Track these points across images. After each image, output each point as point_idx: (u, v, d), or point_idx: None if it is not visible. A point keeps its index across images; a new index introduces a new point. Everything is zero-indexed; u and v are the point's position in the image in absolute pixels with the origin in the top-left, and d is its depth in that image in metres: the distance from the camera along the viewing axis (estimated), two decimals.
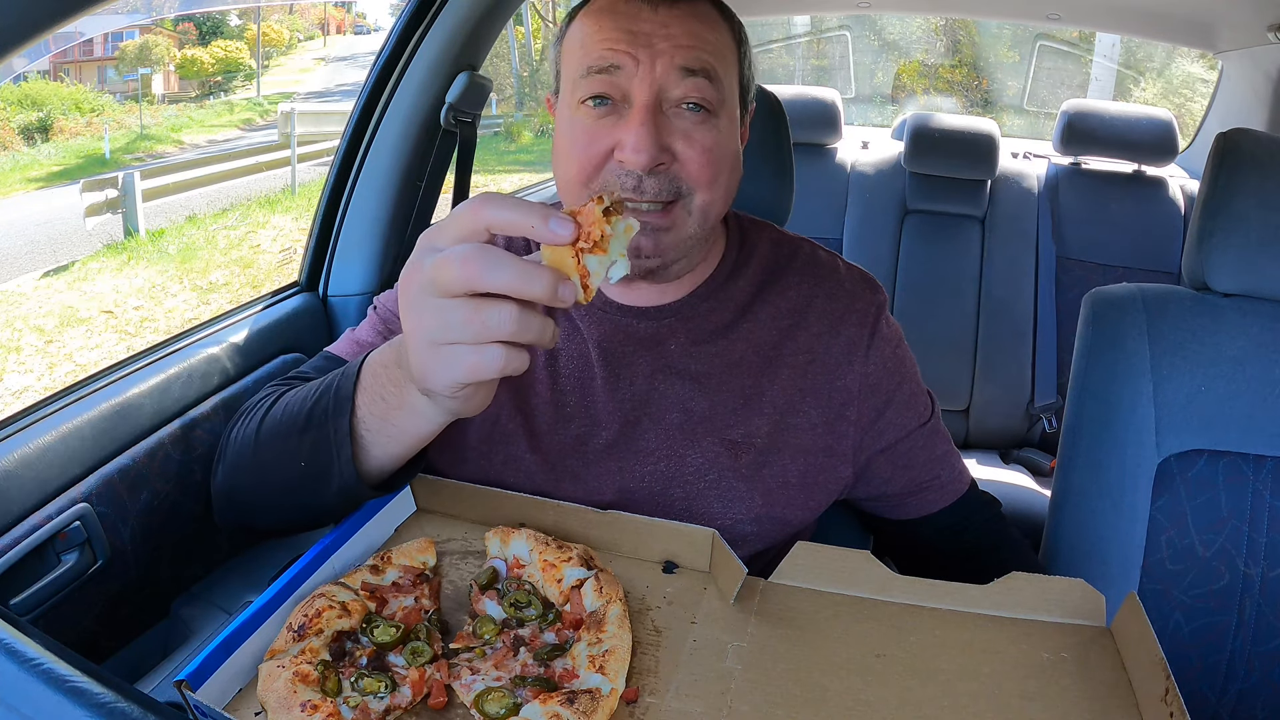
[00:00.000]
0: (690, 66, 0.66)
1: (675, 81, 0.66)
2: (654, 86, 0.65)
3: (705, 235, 0.71)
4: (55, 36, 0.51)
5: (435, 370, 0.50)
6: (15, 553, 0.73)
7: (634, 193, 0.66)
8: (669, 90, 0.66)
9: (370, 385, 0.59)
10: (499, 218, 0.48)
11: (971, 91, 8.30)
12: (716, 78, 0.67)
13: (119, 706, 0.40)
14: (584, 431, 0.74)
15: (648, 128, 0.64)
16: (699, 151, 0.66)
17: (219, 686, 0.51)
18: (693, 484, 0.72)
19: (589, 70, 0.66)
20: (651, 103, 0.65)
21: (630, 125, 0.65)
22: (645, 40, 0.65)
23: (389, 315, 0.80)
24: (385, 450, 0.60)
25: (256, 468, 0.67)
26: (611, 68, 0.65)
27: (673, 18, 0.66)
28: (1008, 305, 1.98)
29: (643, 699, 0.52)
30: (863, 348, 0.75)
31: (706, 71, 0.66)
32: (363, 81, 1.21)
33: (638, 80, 0.65)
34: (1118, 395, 0.89)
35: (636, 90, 0.65)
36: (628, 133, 0.65)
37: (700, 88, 0.66)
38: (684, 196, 0.67)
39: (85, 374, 0.91)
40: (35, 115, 9.37)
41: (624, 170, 0.66)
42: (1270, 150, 0.87)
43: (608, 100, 0.66)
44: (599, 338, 0.75)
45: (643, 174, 0.65)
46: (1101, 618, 0.59)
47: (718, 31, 0.69)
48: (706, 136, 0.67)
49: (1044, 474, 1.83)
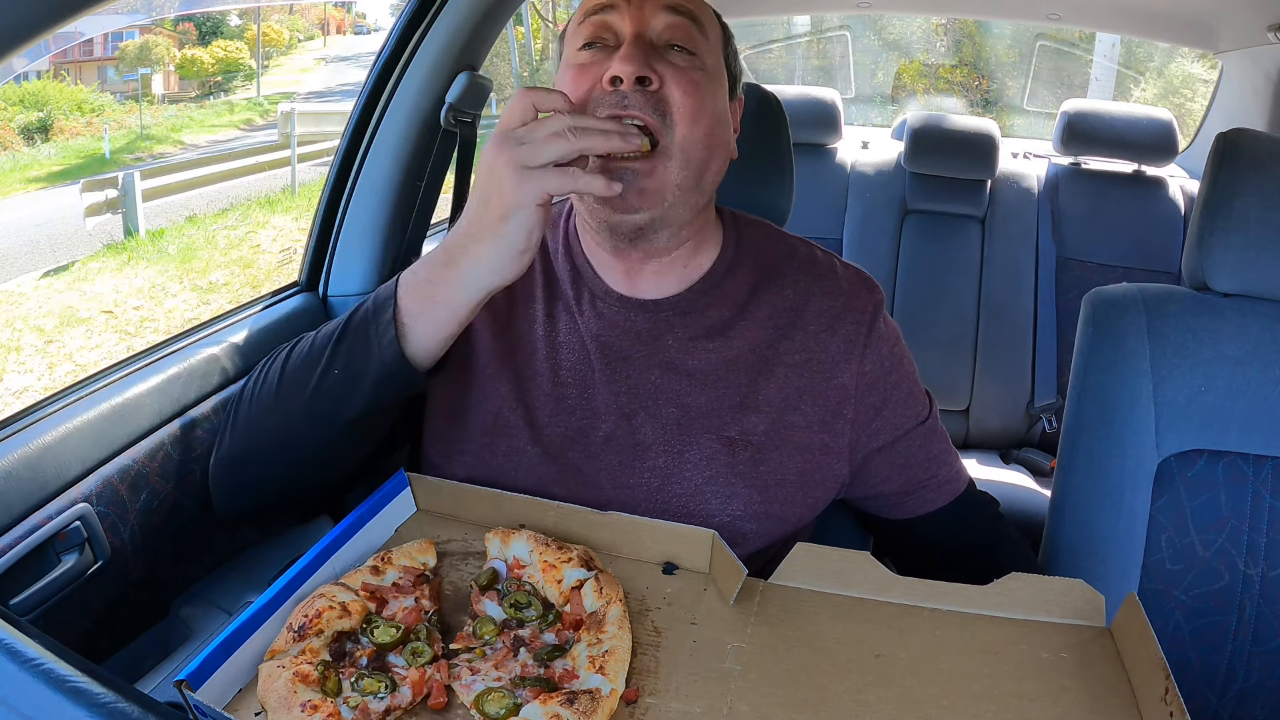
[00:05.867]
0: (674, 5, 0.70)
1: (661, 19, 0.70)
2: (642, 22, 0.70)
3: (690, 189, 0.70)
4: (55, 36, 0.51)
5: (522, 188, 0.61)
6: (15, 553, 0.73)
7: (618, 108, 0.67)
8: (656, 27, 0.70)
9: (411, 281, 0.67)
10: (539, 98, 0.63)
11: (972, 91, 8.30)
12: (700, 25, 0.72)
13: (119, 706, 0.40)
14: (584, 424, 0.74)
15: (636, 46, 0.68)
16: (685, 80, 0.69)
17: (219, 686, 0.51)
18: (691, 480, 0.72)
19: (584, 16, 0.71)
20: (640, 33, 0.69)
21: (620, 51, 0.68)
22: None
23: None
24: (428, 329, 0.66)
25: (277, 407, 0.71)
26: (606, 6, 0.70)
27: None
28: (1008, 305, 1.98)
29: (643, 699, 0.52)
30: (860, 346, 0.75)
31: (690, 14, 0.71)
32: (363, 81, 1.21)
33: (627, 18, 0.70)
34: (1118, 395, 0.89)
35: (625, 26, 0.70)
36: (616, 59, 0.68)
37: (684, 27, 0.71)
38: (666, 125, 0.68)
39: (85, 374, 0.91)
40: (35, 115, 9.37)
41: (610, 92, 0.68)
42: (1270, 150, 0.87)
43: (600, 43, 0.71)
44: (598, 331, 0.75)
45: (628, 91, 0.67)
46: (1101, 618, 0.59)
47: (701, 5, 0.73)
48: (694, 73, 0.70)
49: (1044, 474, 1.83)
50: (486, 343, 0.77)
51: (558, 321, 0.77)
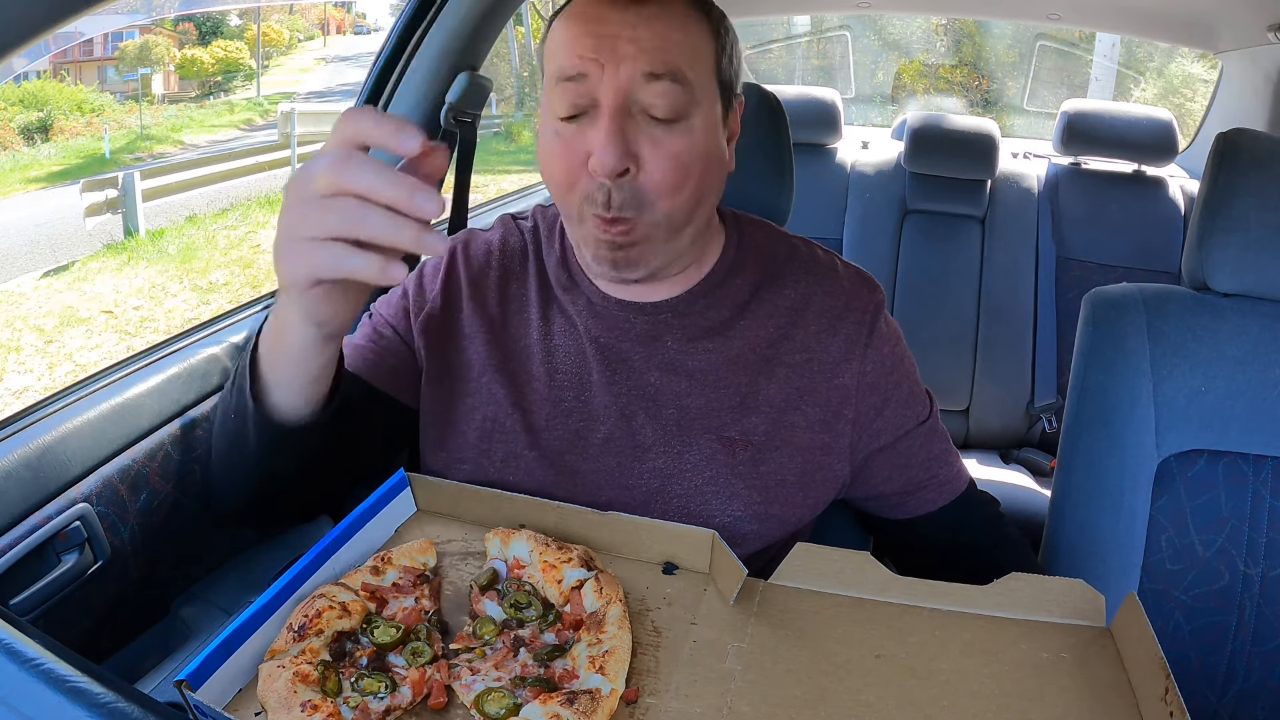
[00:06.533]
0: (655, 71, 0.65)
1: (641, 86, 0.65)
2: (619, 93, 0.65)
3: (681, 237, 0.71)
4: (55, 36, 0.51)
5: (286, 265, 0.54)
6: (15, 553, 0.73)
7: (603, 208, 0.66)
8: (636, 94, 0.65)
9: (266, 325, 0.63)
10: (361, 128, 0.52)
11: (972, 91, 8.30)
12: (685, 80, 0.66)
13: (119, 706, 0.40)
14: (582, 427, 0.74)
15: (612, 136, 0.64)
16: (665, 157, 0.66)
17: (219, 686, 0.51)
18: (691, 481, 0.72)
19: (560, 78, 0.67)
20: (618, 108, 0.65)
21: (598, 133, 0.65)
22: (610, 44, 0.65)
23: (381, 320, 0.81)
24: (278, 378, 0.63)
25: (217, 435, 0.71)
26: (579, 76, 0.65)
27: (640, 19, 0.65)
28: (1008, 305, 1.98)
29: (643, 699, 0.52)
30: (861, 346, 0.75)
31: (673, 74, 0.65)
32: (363, 81, 1.21)
33: (603, 86, 0.65)
34: (1118, 395, 0.89)
35: (603, 96, 0.65)
36: (596, 140, 0.65)
37: (666, 93, 0.65)
38: (645, 209, 0.67)
39: (85, 374, 0.91)
40: (35, 115, 9.37)
41: (595, 184, 0.66)
42: (1270, 150, 0.87)
43: (579, 113, 0.67)
44: (596, 333, 0.75)
45: (610, 184, 0.66)
46: (1101, 618, 0.59)
47: (688, 30, 0.67)
48: (675, 141, 0.66)
49: (1044, 474, 1.83)
50: (480, 350, 0.77)
51: (553, 324, 0.77)
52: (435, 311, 0.79)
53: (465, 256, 0.81)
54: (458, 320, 0.79)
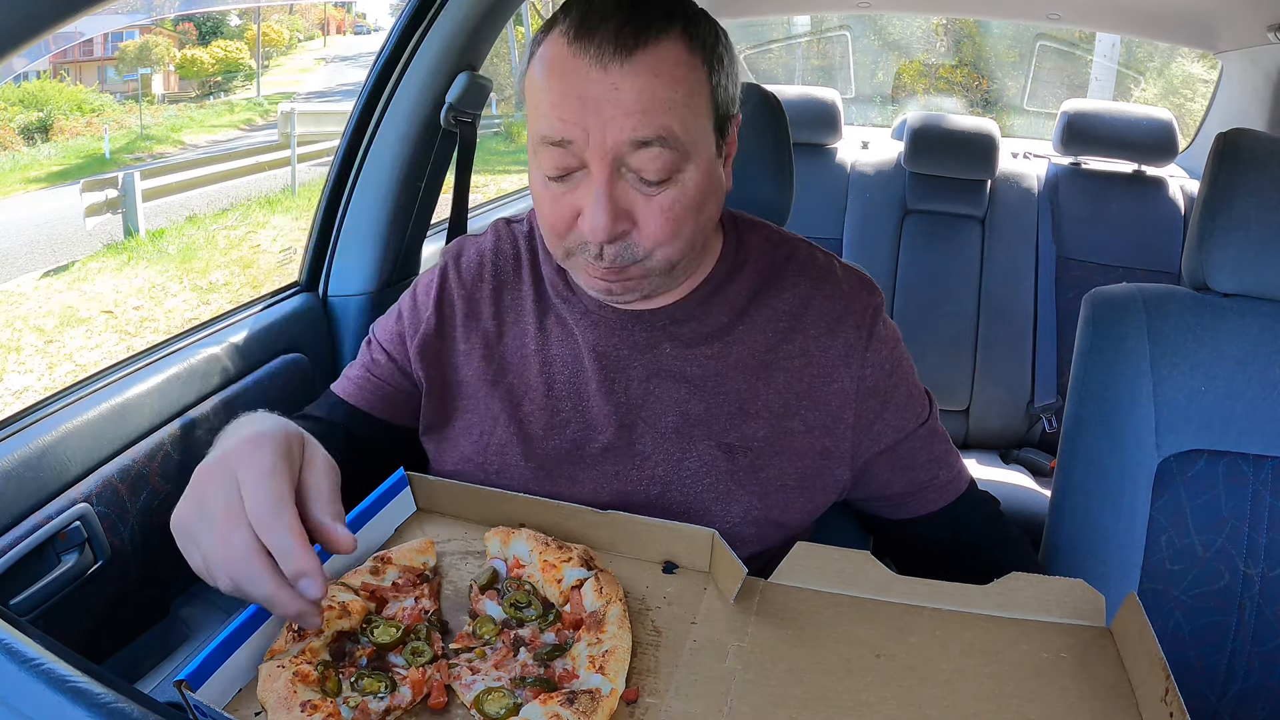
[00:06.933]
0: (643, 138, 0.62)
1: (629, 151, 0.62)
2: (607, 158, 0.63)
3: (678, 269, 0.71)
4: (55, 36, 0.51)
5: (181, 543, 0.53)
6: (15, 553, 0.73)
7: (595, 260, 0.66)
8: (624, 158, 0.63)
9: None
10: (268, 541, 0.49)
11: (972, 91, 8.30)
12: (675, 139, 0.63)
13: (119, 706, 0.40)
14: (580, 436, 0.74)
15: (603, 203, 0.63)
16: (657, 213, 0.65)
17: (219, 686, 0.51)
18: (690, 487, 0.72)
19: (544, 139, 0.64)
20: (607, 174, 0.63)
21: (587, 198, 0.64)
22: (595, 108, 0.61)
23: (377, 347, 0.82)
24: None
25: None
26: (564, 141, 0.63)
27: (623, 77, 0.61)
28: (1008, 305, 1.98)
29: (643, 699, 0.52)
30: (860, 350, 0.75)
31: (663, 138, 0.62)
32: (363, 81, 1.21)
33: (590, 152, 0.62)
34: (1118, 395, 0.89)
35: (592, 162, 0.63)
36: (585, 203, 0.64)
37: (656, 157, 0.62)
38: (640, 260, 0.67)
39: (85, 374, 0.91)
40: (35, 115, 9.37)
41: (585, 241, 0.66)
42: (1270, 150, 0.87)
43: (567, 173, 0.65)
44: (593, 342, 0.75)
45: (602, 245, 0.65)
46: (1101, 618, 0.59)
47: (678, 79, 0.63)
48: (668, 196, 0.65)
49: (1044, 474, 1.83)
50: (477, 364, 0.77)
51: (550, 334, 0.77)
52: (430, 332, 0.79)
53: (457, 270, 0.81)
54: (453, 338, 0.79)
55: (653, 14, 0.63)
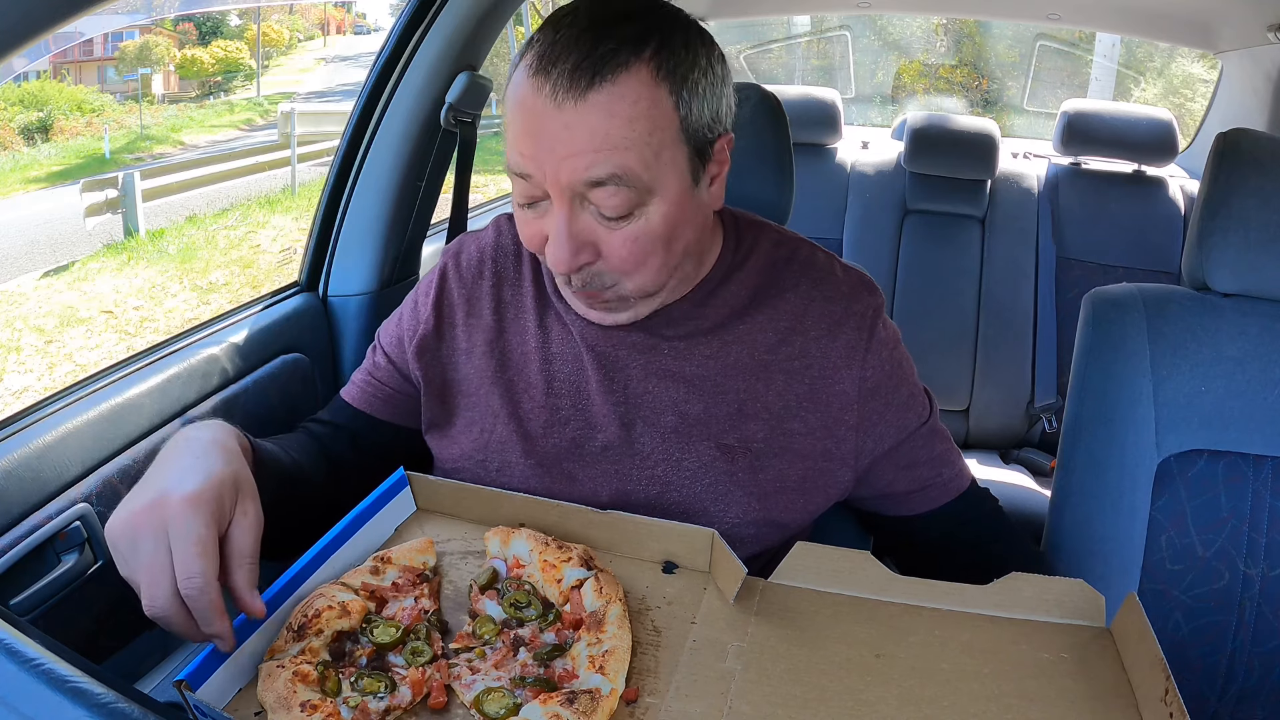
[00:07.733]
0: (597, 178, 0.61)
1: (585, 189, 0.62)
2: (564, 194, 0.63)
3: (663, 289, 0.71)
4: (55, 36, 0.51)
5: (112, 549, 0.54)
6: (15, 553, 0.73)
7: (566, 284, 0.68)
8: (583, 194, 0.63)
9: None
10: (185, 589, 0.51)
11: (972, 91, 8.29)
12: (632, 174, 0.62)
13: (119, 706, 0.40)
14: (579, 435, 0.74)
15: (561, 239, 0.64)
16: (620, 243, 0.65)
17: (219, 686, 0.51)
18: (689, 488, 0.72)
19: (511, 170, 0.65)
20: (567, 210, 0.63)
21: (550, 229, 0.65)
22: (549, 145, 0.61)
23: (380, 350, 0.83)
24: None
25: None
26: (525, 174, 0.64)
27: (577, 116, 0.60)
28: (1008, 305, 1.98)
29: (643, 699, 0.52)
30: (861, 352, 0.75)
31: (617, 175, 0.61)
32: (363, 81, 1.21)
33: (549, 185, 0.63)
34: (1118, 395, 0.89)
35: (551, 195, 0.64)
36: (550, 231, 0.65)
37: (612, 195, 0.62)
38: (613, 284, 0.68)
39: (85, 374, 0.91)
40: (35, 115, 9.37)
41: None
42: (1270, 150, 0.87)
43: (534, 202, 0.66)
44: (593, 341, 0.75)
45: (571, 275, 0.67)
46: (1101, 618, 0.59)
47: (637, 114, 0.61)
48: (629, 230, 0.65)
49: (1044, 474, 1.83)
50: (478, 362, 0.77)
51: (550, 331, 0.77)
52: (429, 333, 0.79)
53: (457, 269, 0.81)
54: (453, 337, 0.79)
55: (618, 45, 0.61)
